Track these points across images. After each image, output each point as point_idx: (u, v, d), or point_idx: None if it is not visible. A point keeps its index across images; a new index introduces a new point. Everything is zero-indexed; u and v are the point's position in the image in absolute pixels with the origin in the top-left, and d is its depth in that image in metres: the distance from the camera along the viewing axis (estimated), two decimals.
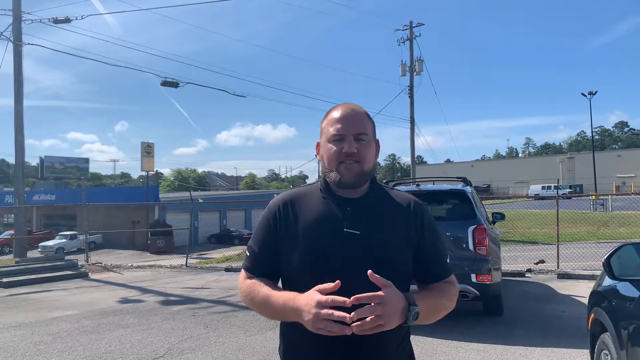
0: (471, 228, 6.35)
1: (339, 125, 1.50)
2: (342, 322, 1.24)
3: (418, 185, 7.46)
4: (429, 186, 7.86)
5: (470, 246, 6.30)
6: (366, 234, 1.46)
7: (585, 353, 5.26)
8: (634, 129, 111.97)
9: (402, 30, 28.98)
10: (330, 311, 1.24)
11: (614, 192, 36.71)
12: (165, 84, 17.21)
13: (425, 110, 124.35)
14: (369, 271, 1.28)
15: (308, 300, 1.30)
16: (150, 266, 14.99)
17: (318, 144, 1.61)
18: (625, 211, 23.66)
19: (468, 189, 7.09)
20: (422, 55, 29.09)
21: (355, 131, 1.50)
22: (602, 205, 30.30)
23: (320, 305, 1.26)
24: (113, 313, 7.85)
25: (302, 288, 1.37)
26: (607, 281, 3.09)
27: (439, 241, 1.60)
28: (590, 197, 31.39)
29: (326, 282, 1.31)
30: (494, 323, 6.53)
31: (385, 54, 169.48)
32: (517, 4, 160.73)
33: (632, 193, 32.88)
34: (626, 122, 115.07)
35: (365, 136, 1.52)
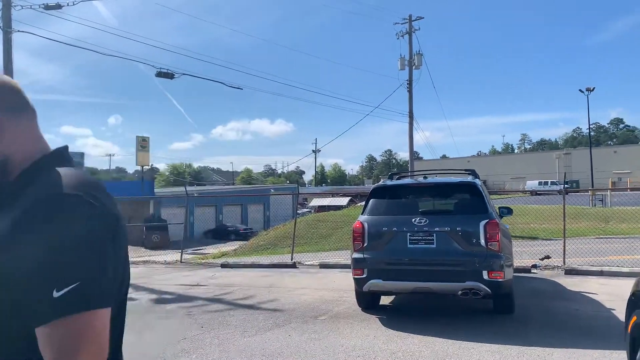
0: (483, 222, 6.01)
1: None
2: None
3: (425, 177, 7.12)
4: (437, 178, 7.53)
5: (482, 242, 5.96)
6: None
7: (607, 354, 4.95)
8: (629, 126, 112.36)
9: (401, 24, 28.62)
10: None
11: (612, 188, 36.54)
12: (160, 74, 16.76)
13: (423, 105, 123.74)
14: None
15: None
16: (145, 262, 14.62)
17: None
18: (624, 207, 23.44)
19: (478, 181, 6.75)
20: (422, 50, 28.70)
21: None
22: (601, 200, 30.13)
23: None
24: None
25: None
26: None
27: (46, 254, 0.90)
28: (589, 193, 31.22)
29: None
30: (506, 322, 6.20)
31: (384, 47, 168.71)
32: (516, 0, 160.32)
33: (634, 189, 32.79)
34: (621, 119, 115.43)
35: None
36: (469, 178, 6.94)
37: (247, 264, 13.01)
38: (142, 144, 40.86)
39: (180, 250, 15.37)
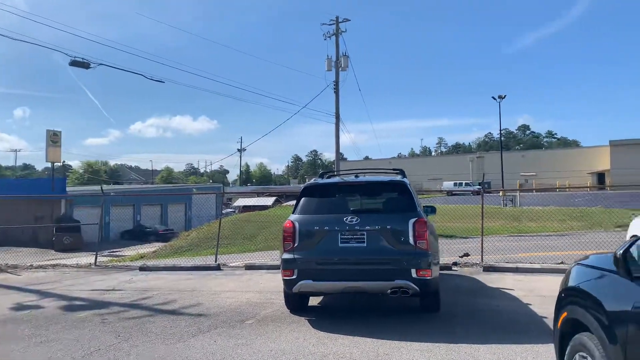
0: (412, 221, 6.04)
1: None
2: None
3: (357, 175, 7.07)
4: (368, 177, 7.51)
5: (411, 240, 5.99)
6: None
7: (529, 348, 5.12)
8: (535, 132, 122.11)
9: (329, 24, 28.92)
10: None
11: (521, 189, 39.15)
12: (74, 63, 15.58)
13: (348, 107, 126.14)
14: None
15: None
16: (54, 266, 13.49)
17: None
18: (532, 207, 25.14)
19: (407, 180, 6.80)
20: (348, 52, 29.09)
21: None
22: (512, 201, 32.11)
23: None
24: (3, 323, 6.71)
25: None
26: (588, 275, 2.79)
27: None
28: (500, 193, 33.21)
29: None
30: (433, 320, 6.28)
31: (312, 48, 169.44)
32: (441, 9, 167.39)
33: (539, 189, 35.29)
34: (528, 126, 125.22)
35: None
36: (399, 177, 6.98)
37: (168, 267, 12.39)
38: (53, 139, 38.02)
39: (94, 253, 14.37)
